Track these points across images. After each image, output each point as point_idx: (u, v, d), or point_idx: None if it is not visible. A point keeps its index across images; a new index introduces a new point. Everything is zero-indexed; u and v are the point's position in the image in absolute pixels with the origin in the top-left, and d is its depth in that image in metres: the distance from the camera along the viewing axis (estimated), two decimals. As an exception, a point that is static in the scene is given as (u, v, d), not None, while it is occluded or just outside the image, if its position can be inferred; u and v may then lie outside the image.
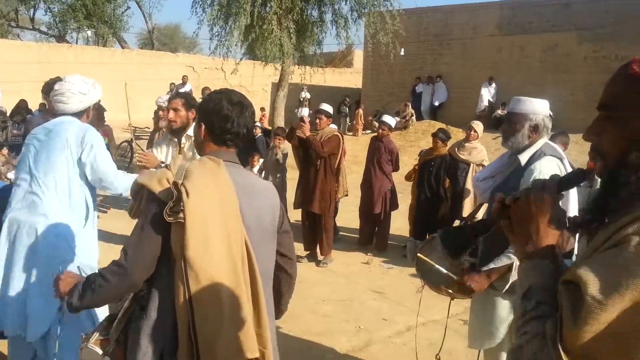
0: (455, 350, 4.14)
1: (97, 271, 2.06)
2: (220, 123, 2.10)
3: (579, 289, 1.01)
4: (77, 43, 27.53)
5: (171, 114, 4.15)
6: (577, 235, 1.48)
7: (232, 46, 10.84)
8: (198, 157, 2.21)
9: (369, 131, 17.82)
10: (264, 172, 8.03)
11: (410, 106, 18.32)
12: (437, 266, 2.93)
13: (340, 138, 6.68)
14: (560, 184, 1.27)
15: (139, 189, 2.08)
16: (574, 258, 1.57)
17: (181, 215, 1.89)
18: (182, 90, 18.75)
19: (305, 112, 20.81)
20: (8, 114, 12.49)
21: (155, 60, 23.54)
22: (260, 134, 9.50)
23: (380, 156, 7.31)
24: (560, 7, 17.53)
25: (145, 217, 1.97)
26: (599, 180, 1.24)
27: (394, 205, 7.41)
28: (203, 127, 2.15)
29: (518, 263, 1.31)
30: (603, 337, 0.97)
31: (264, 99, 23.94)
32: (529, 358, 1.08)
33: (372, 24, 11.69)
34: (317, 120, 6.56)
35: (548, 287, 1.14)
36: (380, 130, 7.56)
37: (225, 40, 10.90)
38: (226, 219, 1.97)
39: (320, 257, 6.71)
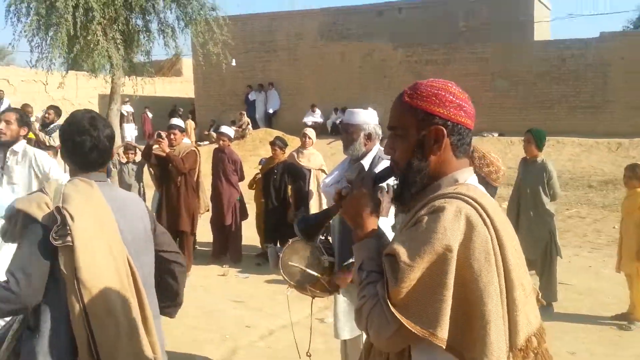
0: (316, 347, 4.53)
1: None
2: (79, 150, 2.18)
3: (395, 259, 1.40)
4: None
5: (2, 125, 4.09)
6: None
7: (55, 58, 10.28)
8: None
9: (206, 142, 17.84)
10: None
11: (245, 115, 18.68)
12: (301, 267, 3.25)
13: (198, 152, 6.81)
14: (375, 179, 1.69)
15: (15, 213, 2.11)
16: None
17: (69, 238, 2.00)
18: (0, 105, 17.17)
19: (129, 128, 19.97)
20: None
21: (-42, 75, 21.11)
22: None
23: (225, 167, 7.54)
24: (374, 15, 19.09)
25: (30, 242, 2.04)
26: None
27: (244, 214, 7.71)
28: (67, 160, 2.26)
29: None
30: (414, 288, 1.37)
31: (90, 113, 22.63)
32: (367, 314, 1.46)
33: (200, 33, 11.82)
34: (172, 136, 6.58)
35: (374, 259, 1.53)
36: (220, 142, 7.77)
37: (47, 53, 10.28)
38: (108, 238, 2.13)
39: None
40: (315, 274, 3.26)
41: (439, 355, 1.39)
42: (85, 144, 2.16)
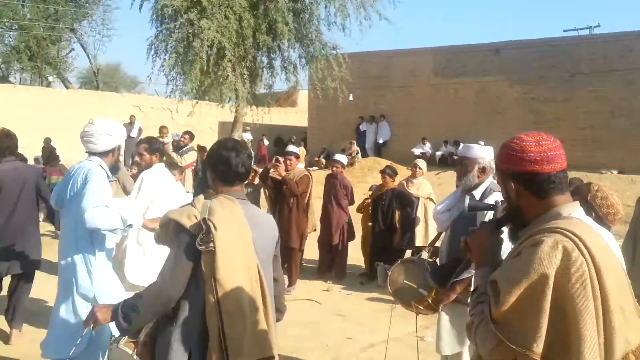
0: None
1: (134, 295, 2.51)
2: (226, 168, 2.60)
3: (496, 285, 1.64)
4: (20, 84, 27.19)
5: (137, 157, 4.74)
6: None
7: (189, 91, 11.35)
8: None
9: (316, 168, 18.51)
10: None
11: (355, 144, 19.19)
12: (411, 284, 3.49)
13: (310, 177, 7.28)
14: (498, 224, 1.93)
15: (167, 221, 2.53)
16: None
17: (211, 244, 2.38)
18: (132, 129, 18.94)
19: None
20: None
21: (100, 99, 23.58)
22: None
23: (337, 192, 7.94)
24: (490, 53, 19.02)
25: (178, 247, 2.44)
26: None
27: (351, 236, 8.03)
28: (213, 174, 2.67)
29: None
30: (513, 310, 1.59)
31: (212, 137, 24.27)
32: (475, 329, 1.70)
33: (320, 70, 12.47)
34: (288, 162, 7.12)
35: (487, 284, 1.77)
36: (334, 168, 8.20)
37: (181, 85, 11.39)
38: (243, 248, 2.49)
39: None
40: (424, 292, 3.48)
41: None
42: (231, 161, 2.57)
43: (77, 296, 3.69)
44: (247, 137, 21.68)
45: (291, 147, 7.55)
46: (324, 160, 19.67)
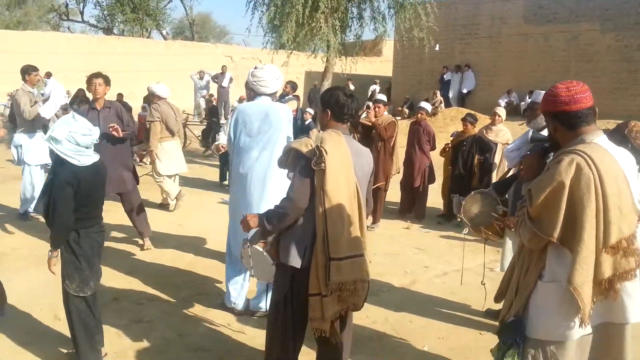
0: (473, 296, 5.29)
1: (273, 207, 3.30)
2: (340, 109, 3.32)
3: (530, 191, 2.26)
4: (123, 35, 28.99)
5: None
6: None
7: (285, 42, 12.03)
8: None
9: (399, 117, 18.88)
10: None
11: (439, 94, 19.31)
12: (480, 211, 4.06)
13: (396, 123, 7.88)
14: (545, 150, 2.51)
15: (288, 150, 3.29)
16: None
17: (323, 165, 3.11)
18: (223, 79, 20.03)
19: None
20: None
21: (196, 50, 24.88)
22: (310, 120, 10.71)
23: (420, 137, 8.48)
24: (583, -1, 18.29)
25: (299, 168, 3.19)
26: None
27: (432, 179, 8.60)
28: (328, 111, 3.36)
29: None
30: (541, 209, 2.21)
31: (299, 85, 25.06)
32: (520, 225, 2.35)
33: (407, 20, 12.73)
34: (377, 109, 7.75)
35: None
36: (419, 115, 8.71)
37: (278, 37, 12.07)
38: (346, 170, 3.21)
39: (369, 223, 7.92)
40: (494, 214, 4.05)
41: (558, 248, 2.24)
42: (346, 104, 3.31)
43: None
44: (351, 87, 22.40)
45: (380, 96, 8.11)
46: (407, 110, 19.96)
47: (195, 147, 15.27)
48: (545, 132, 4.11)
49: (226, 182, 10.67)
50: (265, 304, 4.42)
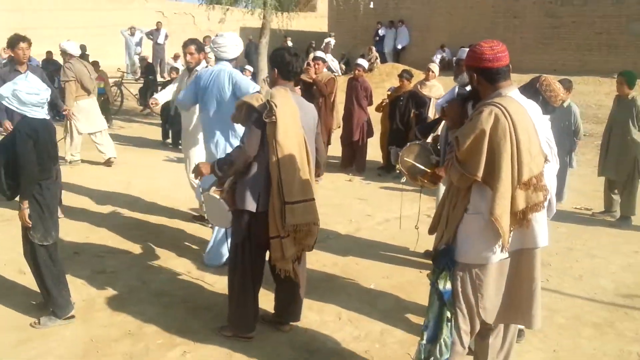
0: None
1: (224, 155, 3.58)
2: (286, 67, 3.62)
3: (457, 138, 2.65)
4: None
5: (188, 57, 5.68)
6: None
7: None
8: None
9: (336, 73, 19.16)
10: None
11: (374, 50, 19.67)
12: (415, 162, 4.48)
13: (335, 80, 8.19)
14: (464, 99, 2.91)
15: (241, 104, 3.57)
16: None
17: (274, 117, 3.41)
18: (158, 35, 19.59)
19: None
20: None
21: (124, 5, 24.01)
22: (249, 77, 10.85)
23: (358, 93, 8.84)
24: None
25: (251, 121, 3.49)
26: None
27: (370, 133, 9.03)
28: (275, 70, 3.64)
29: None
30: (467, 152, 2.62)
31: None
32: (449, 167, 2.73)
33: (342, -24, 12.90)
34: (316, 66, 8.02)
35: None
36: (356, 71, 9.04)
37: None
38: (294, 122, 3.53)
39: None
40: (425, 167, 4.45)
41: (481, 185, 2.65)
42: (292, 63, 3.62)
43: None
44: (289, 43, 22.25)
45: (318, 53, 8.38)
46: (343, 66, 20.24)
47: (132, 105, 15.08)
48: (469, 87, 4.56)
49: (169, 141, 10.78)
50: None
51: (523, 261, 2.77)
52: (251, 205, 3.54)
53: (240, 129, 4.39)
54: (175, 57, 17.37)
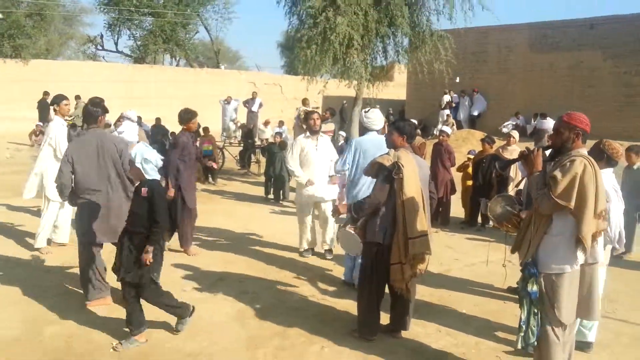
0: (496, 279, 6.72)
1: (359, 200, 4.84)
2: (411, 135, 4.87)
3: (555, 178, 3.72)
4: (155, 63, 30.91)
5: (318, 122, 7.08)
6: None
7: (322, 74, 13.72)
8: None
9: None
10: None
11: (451, 116, 20.91)
12: (503, 209, 5.52)
13: (426, 144, 9.43)
14: (550, 155, 4.00)
15: (374, 163, 4.81)
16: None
17: (401, 175, 4.63)
18: (253, 104, 21.66)
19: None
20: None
21: (221, 78, 26.68)
22: (342, 142, 12.27)
23: (442, 156, 10.04)
24: (585, 28, 19.93)
25: (381, 178, 4.71)
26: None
27: (453, 191, 10.15)
28: (405, 137, 4.88)
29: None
30: (563, 187, 3.68)
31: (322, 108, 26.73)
32: (540, 200, 3.79)
33: (427, 53, 14.37)
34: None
35: (541, 181, 3.85)
36: (440, 137, 10.28)
37: (316, 70, 13.67)
38: (415, 177, 4.74)
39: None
40: (513, 210, 5.45)
41: (563, 214, 3.69)
42: (413, 128, 4.89)
43: None
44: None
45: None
46: (419, 132, 21.54)
47: (230, 166, 16.80)
48: (547, 152, 5.61)
49: (271, 196, 12.23)
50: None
51: (585, 272, 3.77)
52: (379, 237, 4.73)
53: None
54: (266, 123, 19.30)
